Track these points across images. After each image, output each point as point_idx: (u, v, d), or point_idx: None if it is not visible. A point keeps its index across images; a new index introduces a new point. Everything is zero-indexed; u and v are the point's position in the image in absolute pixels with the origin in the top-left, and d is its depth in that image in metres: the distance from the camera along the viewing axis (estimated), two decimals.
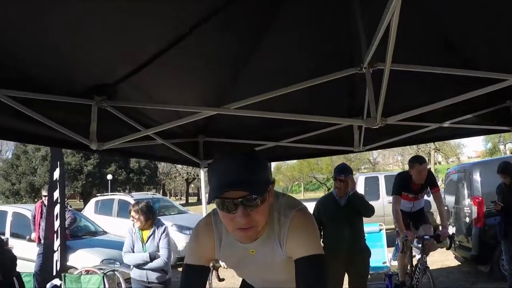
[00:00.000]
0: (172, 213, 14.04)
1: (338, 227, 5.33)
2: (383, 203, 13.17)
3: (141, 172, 44.22)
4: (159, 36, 2.83)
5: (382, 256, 8.99)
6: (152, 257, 5.55)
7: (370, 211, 5.46)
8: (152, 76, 3.28)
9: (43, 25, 2.35)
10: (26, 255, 8.80)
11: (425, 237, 5.87)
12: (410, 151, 40.01)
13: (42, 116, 3.09)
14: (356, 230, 5.40)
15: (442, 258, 10.34)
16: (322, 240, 5.49)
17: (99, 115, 3.38)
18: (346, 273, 5.47)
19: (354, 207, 5.37)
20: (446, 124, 4.87)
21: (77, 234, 10.06)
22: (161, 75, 3.34)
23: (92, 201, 16.28)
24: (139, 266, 5.63)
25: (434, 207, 9.45)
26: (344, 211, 5.37)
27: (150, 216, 5.67)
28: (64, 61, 2.83)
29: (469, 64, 3.31)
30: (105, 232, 10.76)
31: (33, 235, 8.63)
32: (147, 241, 5.65)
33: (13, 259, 5.32)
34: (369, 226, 9.42)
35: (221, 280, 5.24)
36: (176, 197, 66.01)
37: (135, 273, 5.69)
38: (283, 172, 55.42)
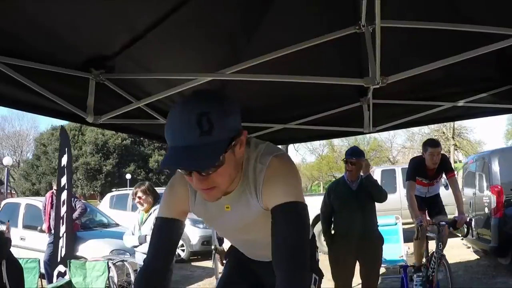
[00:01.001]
0: None
1: (349, 213, 5.16)
2: (400, 196, 12.81)
3: (160, 171, 44.42)
4: (156, 5, 2.75)
5: (398, 249, 8.69)
6: (141, 241, 5.45)
7: (383, 196, 5.27)
8: (150, 48, 3.20)
9: None
10: (37, 246, 8.87)
11: (441, 223, 5.65)
12: None
13: (40, 86, 3.12)
14: (368, 216, 5.21)
15: (461, 252, 10.14)
16: (332, 226, 5.34)
17: (97, 89, 3.39)
18: (357, 260, 5.29)
19: (366, 192, 5.20)
20: (460, 103, 4.68)
21: (89, 226, 10.13)
22: (159, 46, 3.25)
23: (108, 196, 16.36)
24: (138, 249, 5.57)
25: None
26: (355, 196, 5.20)
27: (156, 196, 5.60)
28: (62, 32, 2.82)
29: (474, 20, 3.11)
30: (117, 225, 10.77)
31: (44, 226, 8.61)
32: (144, 222, 5.58)
33: (4, 241, 5.24)
34: (385, 218, 9.21)
35: (223, 264, 5.14)
36: None
37: (136, 257, 5.63)
38: (302, 172, 55.27)
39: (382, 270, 8.40)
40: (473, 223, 8.98)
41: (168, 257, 1.95)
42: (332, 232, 5.39)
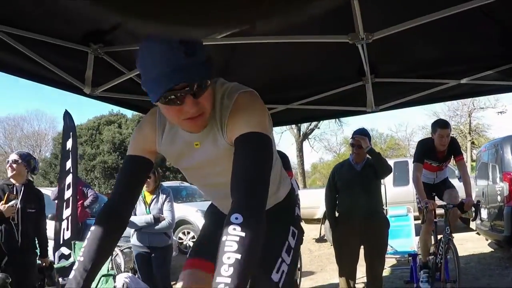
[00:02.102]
0: (198, 200, 14.08)
1: (353, 194, 5.07)
2: (412, 188, 12.68)
3: (177, 170, 44.61)
4: None
5: (410, 241, 8.57)
6: (156, 219, 5.50)
7: (386, 169, 5.17)
8: (145, 19, 3.16)
9: None
10: (48, 232, 8.93)
11: (448, 205, 5.53)
12: None
13: (41, 57, 3.32)
14: (372, 197, 5.11)
15: (475, 245, 9.99)
16: (337, 208, 5.26)
17: (96, 62, 3.55)
18: (362, 244, 5.19)
19: (371, 173, 5.11)
20: (464, 81, 4.59)
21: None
22: (155, 16, 3.22)
23: None
24: (141, 230, 5.58)
25: None
26: (360, 177, 5.11)
27: (159, 178, 5.75)
28: (63, 7, 2.87)
29: None
30: None
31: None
32: (150, 204, 5.63)
33: None
34: (397, 209, 9.14)
35: None
36: None
37: (135, 239, 5.65)
38: (320, 170, 55.14)
39: (392, 261, 8.38)
40: (482, 209, 8.81)
41: (133, 192, 1.99)
42: (337, 214, 5.30)
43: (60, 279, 6.62)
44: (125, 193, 1.98)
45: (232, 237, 1.46)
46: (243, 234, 1.46)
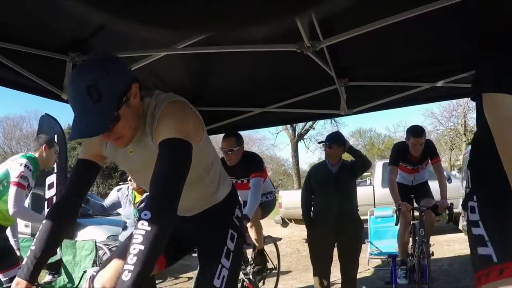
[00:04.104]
0: None
1: (328, 195, 5.12)
2: None
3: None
4: None
5: (395, 241, 8.60)
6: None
7: (365, 165, 5.33)
8: (122, 29, 3.29)
9: None
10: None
11: (422, 207, 5.60)
12: (444, 146, 39.07)
13: (20, 66, 3.54)
14: (347, 198, 5.15)
15: (461, 247, 10.00)
16: (312, 208, 5.32)
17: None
18: (336, 245, 5.25)
19: (346, 175, 5.17)
20: (439, 84, 4.64)
21: (89, 214, 10.46)
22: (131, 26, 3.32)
23: (114, 190, 16.49)
24: (129, 228, 5.66)
25: None
26: (335, 179, 5.15)
27: None
28: (42, 17, 3.05)
29: None
30: (118, 214, 10.90)
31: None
32: (139, 205, 5.62)
33: None
34: (383, 210, 9.18)
35: (247, 244, 5.26)
36: None
37: (123, 236, 5.70)
38: None
39: (377, 262, 8.44)
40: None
41: (80, 192, 2.23)
42: (312, 215, 5.36)
43: (48, 275, 6.74)
44: (74, 192, 2.20)
45: (140, 231, 1.65)
46: (149, 228, 1.65)
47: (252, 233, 5.62)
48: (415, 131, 5.69)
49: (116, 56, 2.05)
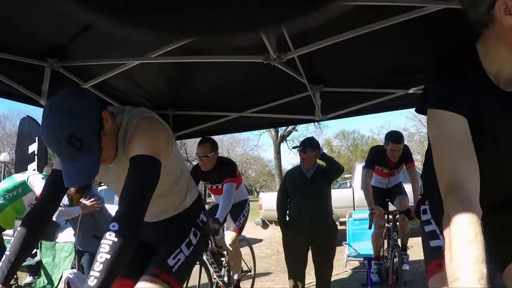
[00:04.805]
0: None
1: (303, 199, 5.21)
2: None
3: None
4: None
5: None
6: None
7: (339, 171, 5.40)
8: (98, 36, 3.37)
9: None
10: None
11: (394, 212, 5.71)
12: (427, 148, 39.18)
13: None
14: (321, 203, 5.25)
15: None
16: (288, 211, 5.40)
17: (52, 75, 3.76)
18: (310, 249, 5.33)
19: (321, 179, 5.26)
20: (412, 91, 4.70)
21: None
22: (106, 33, 3.35)
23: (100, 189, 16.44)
24: None
25: None
26: (309, 183, 5.25)
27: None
28: (20, 24, 3.09)
29: None
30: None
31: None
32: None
33: None
34: (361, 213, 9.26)
35: (218, 247, 5.39)
36: None
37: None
38: None
39: (355, 264, 8.53)
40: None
41: (54, 200, 2.31)
42: (287, 219, 5.43)
43: (29, 277, 6.75)
44: (48, 200, 2.28)
45: (107, 241, 1.75)
46: (115, 239, 1.74)
47: (231, 257, 5.79)
48: (394, 137, 5.79)
49: (79, 90, 2.24)
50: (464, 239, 1.24)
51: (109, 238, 1.75)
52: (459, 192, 1.37)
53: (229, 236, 5.60)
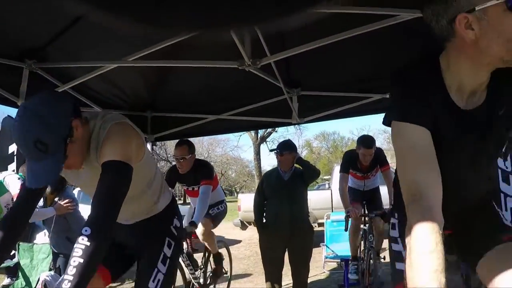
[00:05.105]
0: None
1: (280, 202, 5.25)
2: None
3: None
4: None
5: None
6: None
7: (315, 174, 5.45)
8: (77, 37, 3.37)
9: None
10: None
11: (370, 214, 5.77)
12: None
13: None
14: (298, 206, 5.29)
15: None
16: (265, 214, 5.43)
17: (31, 77, 3.76)
18: (287, 251, 5.37)
19: (298, 182, 5.30)
20: (388, 95, 4.75)
21: None
22: (85, 35, 3.38)
23: (75, 191, 16.29)
24: None
25: None
26: (286, 186, 5.29)
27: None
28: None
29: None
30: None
31: None
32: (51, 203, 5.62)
33: None
34: (338, 214, 9.34)
35: (193, 250, 5.42)
36: None
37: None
38: None
39: (333, 265, 8.59)
40: None
41: (31, 203, 2.34)
42: (264, 220, 5.47)
43: (7, 278, 6.68)
44: (25, 201, 2.30)
45: (80, 245, 1.79)
46: (88, 244, 1.78)
47: (205, 242, 5.75)
48: (366, 142, 5.88)
49: (57, 96, 2.20)
50: (424, 248, 1.27)
51: (82, 242, 1.79)
52: (421, 201, 1.40)
53: (202, 222, 5.57)
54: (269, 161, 67.54)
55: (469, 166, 1.73)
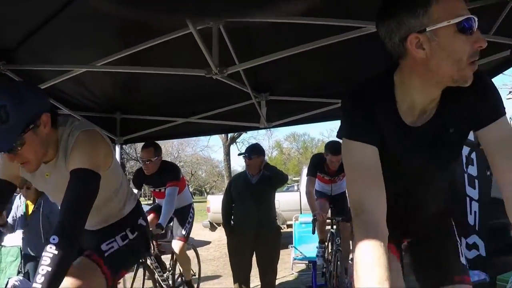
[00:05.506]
0: None
1: (247, 205, 5.32)
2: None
3: None
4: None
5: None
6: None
7: (283, 179, 5.57)
8: (47, 40, 3.35)
9: None
10: None
11: (336, 218, 5.86)
12: None
13: None
14: (265, 209, 5.38)
15: None
16: (232, 216, 5.48)
17: (0, 79, 3.67)
18: (255, 253, 5.45)
19: (265, 186, 5.37)
20: None
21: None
22: (55, 38, 3.37)
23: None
24: None
25: None
26: (253, 189, 5.36)
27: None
28: None
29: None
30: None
31: None
32: (31, 215, 5.57)
33: None
34: (306, 216, 9.43)
35: (161, 252, 5.47)
36: None
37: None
38: None
39: (302, 266, 8.68)
40: None
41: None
42: (232, 223, 5.52)
43: None
44: None
45: (48, 254, 1.82)
46: (56, 252, 1.81)
47: (180, 265, 5.90)
48: (333, 149, 5.90)
49: (35, 85, 2.23)
50: (368, 261, 1.34)
51: (50, 251, 1.81)
52: (365, 215, 1.47)
53: (176, 245, 5.66)
54: (240, 162, 67.65)
55: (418, 180, 1.81)
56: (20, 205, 5.67)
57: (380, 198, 1.51)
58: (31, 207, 5.67)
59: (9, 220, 5.78)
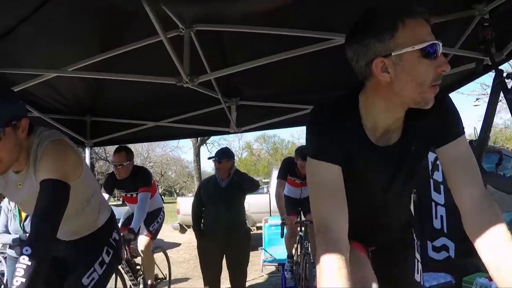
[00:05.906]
0: None
1: (217, 208, 5.35)
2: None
3: None
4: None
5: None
6: (23, 238, 5.39)
7: (254, 186, 5.63)
8: (19, 43, 3.35)
9: None
10: None
11: (306, 221, 5.94)
12: None
13: None
14: (235, 212, 5.42)
15: None
16: (202, 220, 5.51)
17: None
18: (224, 256, 5.48)
19: (235, 190, 5.41)
20: None
21: None
22: (28, 41, 3.37)
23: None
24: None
25: None
26: (223, 193, 5.38)
27: None
28: None
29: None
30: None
31: None
32: (25, 219, 5.49)
33: None
34: (277, 218, 9.49)
35: (133, 256, 5.40)
36: None
37: (11, 252, 5.54)
38: None
39: (272, 268, 8.73)
40: None
41: None
42: (202, 226, 5.55)
43: None
44: None
45: (21, 265, 1.81)
46: (29, 263, 1.81)
47: (143, 264, 5.80)
48: (303, 154, 5.92)
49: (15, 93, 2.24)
50: (330, 273, 1.43)
51: (23, 262, 1.82)
52: (327, 232, 1.54)
53: (142, 241, 5.62)
54: (210, 163, 66.90)
55: (382, 196, 1.88)
56: (12, 209, 5.58)
57: (341, 215, 1.59)
58: (23, 213, 5.58)
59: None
